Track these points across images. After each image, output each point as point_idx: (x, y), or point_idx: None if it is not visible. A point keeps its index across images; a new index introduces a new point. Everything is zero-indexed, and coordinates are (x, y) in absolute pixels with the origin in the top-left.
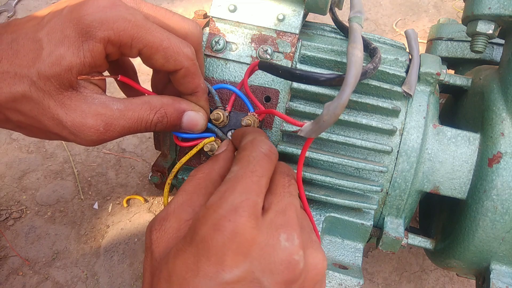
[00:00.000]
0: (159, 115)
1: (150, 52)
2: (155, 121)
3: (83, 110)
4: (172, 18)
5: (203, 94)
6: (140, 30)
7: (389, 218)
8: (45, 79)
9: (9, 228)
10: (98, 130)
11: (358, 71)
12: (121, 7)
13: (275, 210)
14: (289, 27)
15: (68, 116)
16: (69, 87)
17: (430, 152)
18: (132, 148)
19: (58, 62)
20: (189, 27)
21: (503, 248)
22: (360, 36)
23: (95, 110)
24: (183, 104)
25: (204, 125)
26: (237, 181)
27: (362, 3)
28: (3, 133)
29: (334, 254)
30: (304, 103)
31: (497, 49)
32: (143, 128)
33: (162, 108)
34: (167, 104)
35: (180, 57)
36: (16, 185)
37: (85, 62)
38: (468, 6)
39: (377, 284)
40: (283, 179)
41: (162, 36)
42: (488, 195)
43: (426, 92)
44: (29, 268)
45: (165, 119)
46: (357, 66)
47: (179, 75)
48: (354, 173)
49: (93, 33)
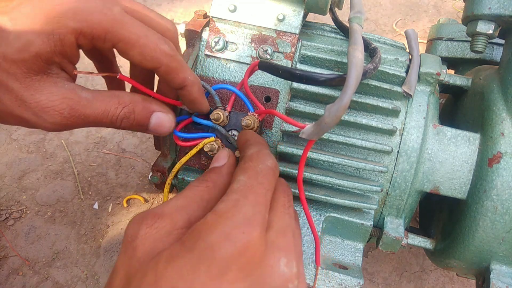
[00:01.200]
0: (126, 110)
1: (126, 48)
2: (121, 116)
3: (51, 92)
4: (150, 14)
5: (193, 86)
6: (116, 25)
7: (389, 218)
8: (11, 62)
9: (9, 228)
10: (62, 114)
11: (359, 73)
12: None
13: (276, 229)
14: (289, 27)
15: (33, 97)
16: (39, 72)
17: (430, 152)
18: (132, 148)
19: (25, 48)
20: (165, 24)
21: (503, 248)
22: (360, 37)
23: (63, 94)
24: (153, 104)
25: (171, 128)
26: (248, 191)
27: (362, 3)
28: (3, 133)
29: (334, 254)
30: (304, 103)
31: (497, 49)
32: (109, 121)
33: (130, 104)
34: (136, 101)
35: (157, 54)
36: (16, 185)
37: (55, 50)
38: (468, 6)
39: (377, 284)
40: (283, 198)
41: (140, 32)
42: (488, 195)
43: (426, 92)
44: (29, 268)
45: (132, 116)
46: (358, 68)
47: (161, 73)
48: (354, 173)
49: (64, 23)
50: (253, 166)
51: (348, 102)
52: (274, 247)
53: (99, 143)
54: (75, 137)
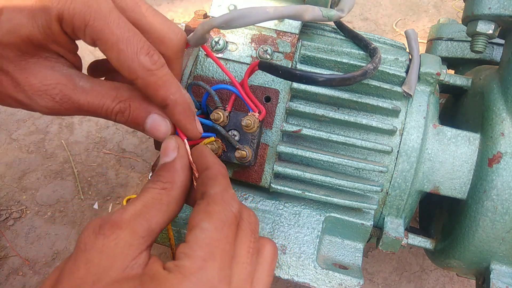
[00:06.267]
0: (122, 105)
1: (103, 48)
2: (116, 110)
3: (45, 76)
4: (152, 17)
5: (175, 107)
6: (98, 19)
7: (389, 218)
8: (3, 45)
9: (9, 228)
10: (54, 99)
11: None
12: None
13: (235, 286)
14: (289, 27)
15: (27, 79)
16: (34, 55)
17: (430, 152)
18: (132, 148)
19: (15, 30)
20: (167, 31)
21: (503, 248)
22: (303, 14)
23: (57, 79)
24: (152, 105)
25: (167, 133)
26: (215, 248)
27: (358, 3)
28: (3, 133)
29: (334, 254)
30: (304, 103)
31: (497, 49)
32: (104, 113)
33: (128, 100)
34: (134, 98)
35: (134, 65)
36: (16, 185)
37: (46, 34)
38: (468, 6)
39: (377, 284)
40: (248, 243)
41: (121, 34)
42: (488, 195)
43: (426, 92)
44: (29, 268)
45: (127, 112)
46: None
47: (138, 86)
48: (354, 173)
49: (48, 7)
50: (218, 211)
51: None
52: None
53: (99, 143)
54: (75, 137)
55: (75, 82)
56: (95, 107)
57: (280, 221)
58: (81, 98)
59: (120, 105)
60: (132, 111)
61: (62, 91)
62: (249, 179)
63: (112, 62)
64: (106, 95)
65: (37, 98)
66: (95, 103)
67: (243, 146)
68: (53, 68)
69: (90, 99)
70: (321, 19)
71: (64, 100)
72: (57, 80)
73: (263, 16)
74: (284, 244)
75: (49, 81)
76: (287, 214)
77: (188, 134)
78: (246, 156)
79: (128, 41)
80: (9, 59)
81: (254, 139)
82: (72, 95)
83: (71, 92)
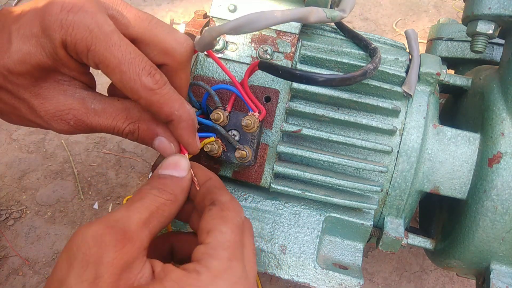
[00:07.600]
0: (132, 127)
1: (106, 71)
2: (126, 132)
3: (59, 101)
4: (156, 29)
5: (180, 123)
6: (99, 44)
7: (389, 218)
8: (16, 75)
9: (9, 228)
10: (68, 123)
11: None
12: (87, 13)
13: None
14: (289, 27)
15: (42, 106)
16: (46, 80)
17: (430, 152)
18: (132, 148)
19: (25, 59)
20: (172, 42)
21: (503, 248)
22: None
23: (70, 104)
24: (158, 127)
25: (173, 153)
26: (236, 250)
27: (358, 3)
28: (3, 133)
29: (334, 254)
30: (304, 103)
31: (497, 49)
32: (115, 133)
33: (137, 121)
34: (143, 120)
35: (136, 86)
36: (16, 185)
37: (54, 59)
38: (468, 6)
39: (377, 284)
40: (250, 245)
41: (123, 57)
42: (488, 195)
43: (426, 92)
44: (29, 268)
45: (136, 133)
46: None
47: (142, 105)
48: (354, 173)
49: (51, 35)
50: (231, 217)
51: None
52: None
53: (99, 143)
54: (75, 137)
55: (87, 106)
56: (107, 128)
57: (280, 221)
58: (93, 121)
59: (129, 126)
60: (140, 132)
61: (76, 116)
62: (249, 179)
63: (115, 84)
64: (117, 117)
65: (53, 123)
66: (107, 125)
67: (243, 146)
68: (65, 92)
69: (102, 121)
70: (325, 21)
71: (78, 124)
72: (70, 105)
73: (272, 21)
74: (284, 244)
75: (63, 106)
76: (287, 214)
77: (188, 149)
78: (246, 156)
79: (130, 63)
80: (24, 87)
81: (254, 139)
82: (85, 119)
83: (84, 116)
